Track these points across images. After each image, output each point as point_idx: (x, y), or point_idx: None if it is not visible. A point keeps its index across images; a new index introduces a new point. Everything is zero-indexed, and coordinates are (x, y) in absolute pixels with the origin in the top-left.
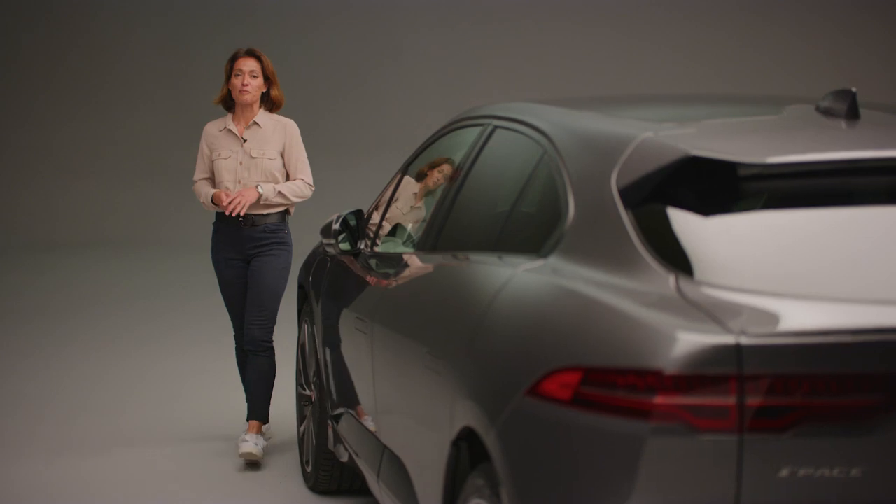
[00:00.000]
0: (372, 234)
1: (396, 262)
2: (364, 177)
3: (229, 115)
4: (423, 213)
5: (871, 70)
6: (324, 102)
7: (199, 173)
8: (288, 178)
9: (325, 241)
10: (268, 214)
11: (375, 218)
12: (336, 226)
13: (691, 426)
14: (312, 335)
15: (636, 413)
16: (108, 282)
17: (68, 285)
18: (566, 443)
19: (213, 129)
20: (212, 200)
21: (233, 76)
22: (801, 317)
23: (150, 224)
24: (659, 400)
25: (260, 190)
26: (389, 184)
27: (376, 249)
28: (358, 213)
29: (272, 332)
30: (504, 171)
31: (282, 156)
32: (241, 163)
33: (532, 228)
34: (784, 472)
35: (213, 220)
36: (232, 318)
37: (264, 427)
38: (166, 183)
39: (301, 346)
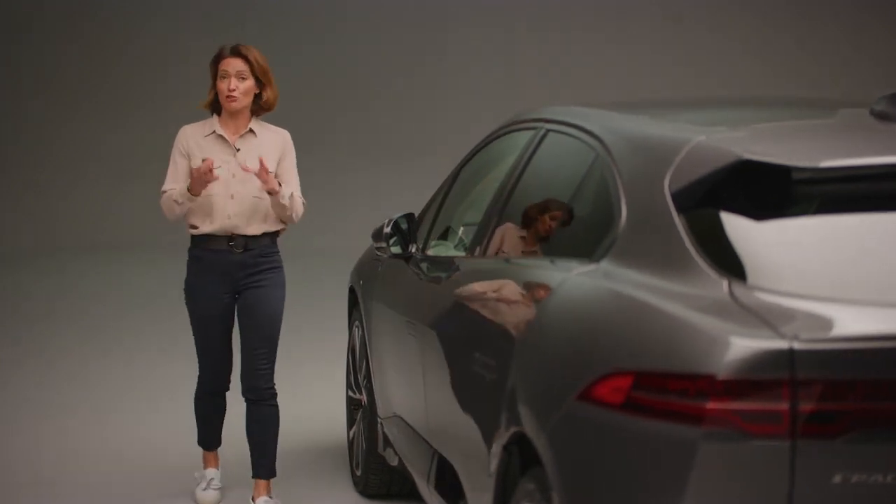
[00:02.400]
0: (424, 238)
1: (448, 265)
2: (413, 180)
3: (215, 119)
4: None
5: (878, 72)
6: (370, 105)
7: (172, 184)
8: None
9: (376, 244)
10: (262, 236)
11: (427, 221)
12: (387, 229)
13: (743, 431)
14: (363, 338)
15: (688, 418)
16: (112, 285)
17: (72, 289)
18: (617, 447)
19: (195, 133)
20: (188, 189)
21: (218, 79)
22: (854, 321)
23: (154, 227)
24: (711, 405)
25: (282, 190)
26: (442, 186)
27: (428, 253)
28: (409, 217)
29: (274, 373)
30: (556, 175)
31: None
32: (234, 175)
33: (584, 232)
34: (837, 479)
35: (190, 245)
36: (203, 360)
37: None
38: None
39: (351, 350)
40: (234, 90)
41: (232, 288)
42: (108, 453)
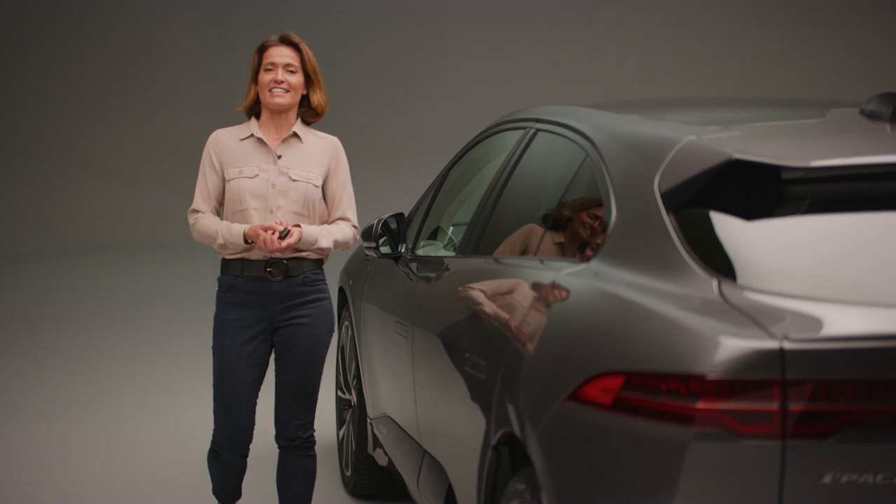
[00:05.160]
0: (413, 238)
1: (437, 265)
2: (404, 180)
3: (253, 122)
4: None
5: (878, 72)
6: (362, 104)
7: (203, 202)
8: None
9: (365, 244)
10: (304, 259)
11: (417, 221)
12: (377, 229)
13: (734, 431)
14: (352, 338)
15: (678, 418)
16: (112, 285)
17: (72, 289)
18: (607, 448)
19: (228, 137)
20: (244, 239)
21: (262, 71)
22: (844, 321)
23: (154, 227)
24: (701, 405)
25: (307, 233)
26: (431, 186)
27: (417, 253)
28: (399, 217)
29: (314, 419)
30: (546, 175)
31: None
32: (273, 185)
33: None
34: (827, 479)
35: (221, 270)
36: (223, 415)
37: None
38: (169, 185)
39: (341, 350)
40: (281, 83)
41: (269, 323)
42: (114, 460)
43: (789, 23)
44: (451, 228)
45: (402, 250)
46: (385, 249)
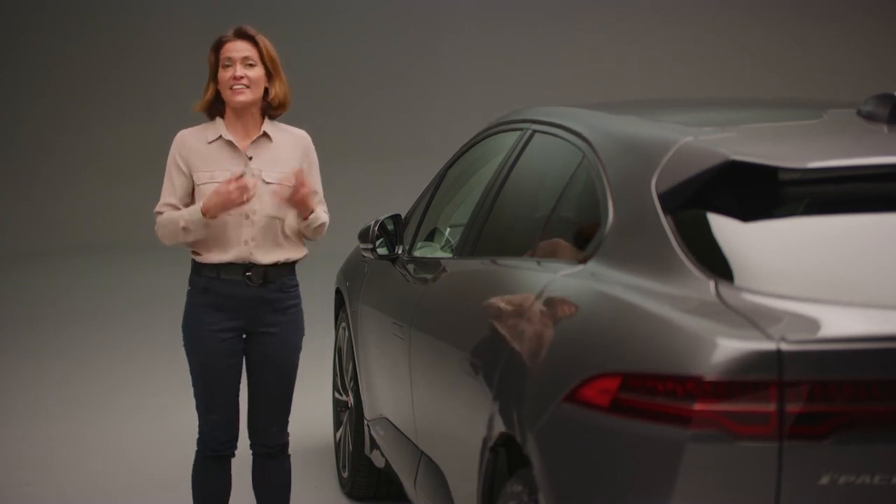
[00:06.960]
0: (410, 239)
1: (434, 266)
2: (403, 180)
3: (219, 121)
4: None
5: (878, 73)
6: (362, 104)
7: (168, 203)
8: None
9: (362, 245)
10: (283, 265)
11: (414, 222)
12: (374, 230)
13: (731, 433)
14: (349, 340)
15: (675, 419)
16: (112, 285)
17: (72, 289)
18: (604, 449)
19: (194, 139)
20: (201, 212)
21: (220, 68)
22: (841, 323)
23: (153, 227)
24: (698, 406)
25: (320, 213)
26: (428, 187)
27: (414, 254)
28: (396, 218)
29: (288, 423)
30: (543, 176)
31: None
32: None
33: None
34: (824, 480)
35: (192, 272)
36: (208, 416)
37: None
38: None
39: (338, 351)
40: (241, 78)
41: (244, 328)
42: (111, 461)
43: (789, 23)
44: (449, 230)
45: (399, 252)
46: (382, 251)
